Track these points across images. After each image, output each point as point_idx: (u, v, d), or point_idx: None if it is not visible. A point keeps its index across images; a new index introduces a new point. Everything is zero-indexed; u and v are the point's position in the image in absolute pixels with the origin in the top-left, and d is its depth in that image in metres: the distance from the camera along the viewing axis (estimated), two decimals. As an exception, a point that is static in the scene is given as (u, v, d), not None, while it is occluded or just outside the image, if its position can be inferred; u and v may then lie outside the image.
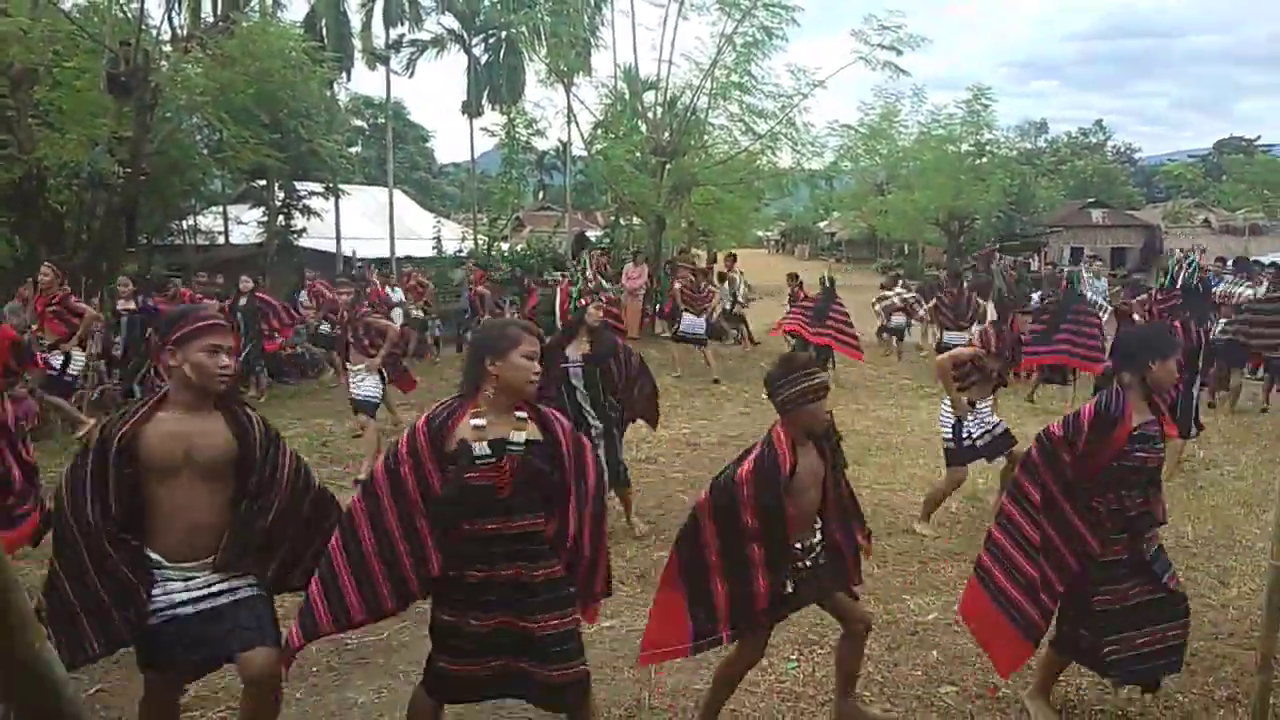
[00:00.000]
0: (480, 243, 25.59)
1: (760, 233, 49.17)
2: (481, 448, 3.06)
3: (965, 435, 6.65)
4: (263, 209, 23.87)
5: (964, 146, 35.24)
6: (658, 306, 19.18)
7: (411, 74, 32.25)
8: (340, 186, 25.13)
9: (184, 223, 22.73)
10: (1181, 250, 15.04)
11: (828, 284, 13.36)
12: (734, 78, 20.20)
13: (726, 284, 18.06)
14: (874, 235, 44.61)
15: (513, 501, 3.12)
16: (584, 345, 6.60)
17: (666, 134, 21.04)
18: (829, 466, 3.70)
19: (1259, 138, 54.06)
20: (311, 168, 22.44)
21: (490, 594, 3.12)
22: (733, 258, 19.58)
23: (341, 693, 4.35)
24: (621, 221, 25.85)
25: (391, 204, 26.66)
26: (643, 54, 32.22)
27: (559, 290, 13.29)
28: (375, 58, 28.36)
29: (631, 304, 18.66)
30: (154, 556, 3.06)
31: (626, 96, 22.74)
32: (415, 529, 3.11)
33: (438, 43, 31.07)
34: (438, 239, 26.32)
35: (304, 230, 24.34)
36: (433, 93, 54.23)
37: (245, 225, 24.49)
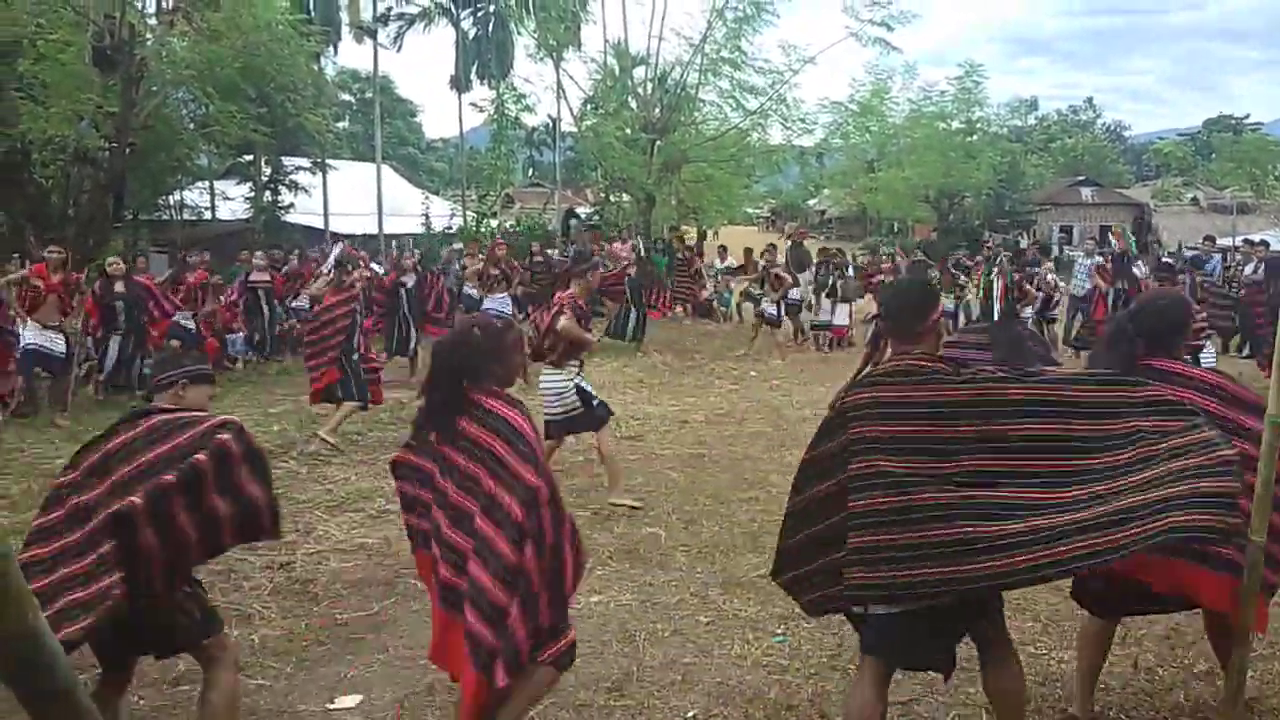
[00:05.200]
0: (469, 219, 25.52)
1: (750, 210, 49.01)
2: None
3: None
4: (250, 184, 23.74)
5: (954, 124, 35.14)
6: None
7: (399, 48, 32.08)
8: (328, 162, 25.01)
9: (171, 198, 22.58)
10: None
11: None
12: (724, 53, 20.15)
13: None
14: (864, 212, 44.55)
15: None
16: None
17: (657, 110, 20.98)
18: None
19: (1248, 116, 54.05)
20: (299, 143, 22.32)
21: None
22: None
23: (332, 667, 4.39)
24: (611, 199, 25.81)
25: (380, 180, 26.53)
26: (633, 29, 31.92)
27: None
28: (363, 31, 28.13)
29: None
30: None
31: (616, 72, 22.65)
32: None
33: (425, 16, 30.86)
34: (426, 215, 26.21)
35: (291, 206, 24.23)
36: (421, 67, 53.87)
37: (232, 201, 24.36)
